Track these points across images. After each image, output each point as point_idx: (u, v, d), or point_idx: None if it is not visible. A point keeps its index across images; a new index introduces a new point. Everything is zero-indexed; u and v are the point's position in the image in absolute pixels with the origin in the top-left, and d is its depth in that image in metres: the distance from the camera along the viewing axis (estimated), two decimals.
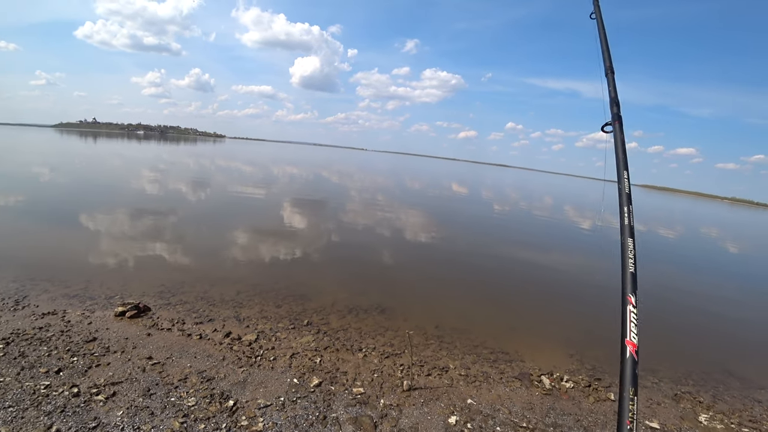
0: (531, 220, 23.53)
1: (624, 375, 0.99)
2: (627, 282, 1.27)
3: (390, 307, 7.20)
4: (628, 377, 0.98)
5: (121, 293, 6.41)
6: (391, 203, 23.04)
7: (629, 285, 1.25)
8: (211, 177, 26.84)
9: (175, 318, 5.81)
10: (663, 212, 48.23)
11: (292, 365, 4.90)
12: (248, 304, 6.68)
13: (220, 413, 3.81)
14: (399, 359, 5.41)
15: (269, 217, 14.91)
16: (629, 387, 0.96)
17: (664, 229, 28.62)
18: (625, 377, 0.98)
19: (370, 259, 10.88)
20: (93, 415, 3.51)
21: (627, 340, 1.04)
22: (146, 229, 11.02)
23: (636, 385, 0.95)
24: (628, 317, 1.12)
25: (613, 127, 1.99)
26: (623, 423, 0.94)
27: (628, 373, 0.99)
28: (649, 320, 8.59)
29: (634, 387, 0.95)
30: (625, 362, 1.00)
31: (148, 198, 16.02)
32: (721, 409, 5.33)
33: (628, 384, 0.96)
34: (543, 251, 14.75)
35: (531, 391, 5.07)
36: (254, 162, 49.60)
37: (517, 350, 6.19)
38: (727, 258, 19.81)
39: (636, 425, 0.89)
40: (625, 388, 0.96)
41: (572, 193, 63.62)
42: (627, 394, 0.95)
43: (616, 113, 2.02)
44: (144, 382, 4.12)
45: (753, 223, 54.43)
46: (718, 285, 13.36)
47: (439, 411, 4.35)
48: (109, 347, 4.71)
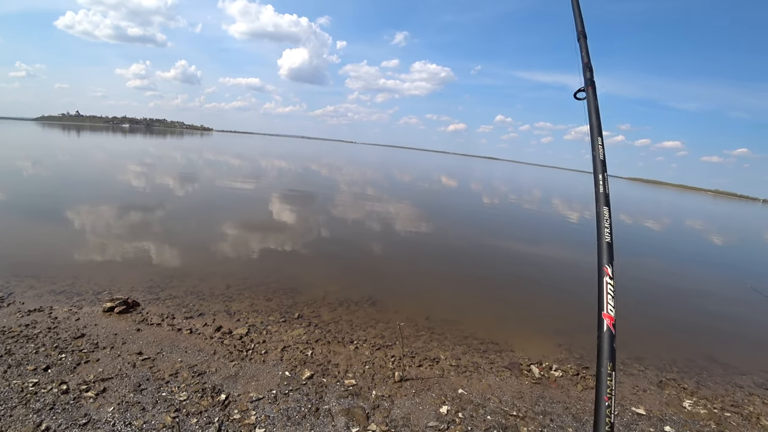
0: (520, 213, 23.72)
1: (602, 349, 0.98)
2: (603, 252, 1.27)
3: (381, 300, 7.23)
4: (606, 351, 0.97)
5: (109, 289, 6.34)
6: (380, 196, 23.05)
7: (605, 255, 1.25)
8: (199, 171, 26.53)
9: (165, 313, 5.76)
10: (649, 204, 48.95)
11: (284, 358, 4.91)
12: (238, 297, 6.66)
13: (212, 407, 3.81)
14: (390, 351, 5.45)
15: (258, 210, 14.83)
16: (607, 362, 0.95)
17: (651, 221, 29.08)
18: (602, 351, 0.98)
19: (360, 251, 10.90)
20: (83, 412, 3.49)
21: (604, 313, 1.04)
22: (133, 223, 10.89)
23: (614, 359, 0.95)
24: (605, 289, 1.12)
25: (586, 92, 1.96)
26: (601, 398, 0.93)
27: (606, 347, 0.99)
28: (636, 309, 8.78)
29: (612, 362, 0.94)
30: (602, 336, 1.00)
31: (135, 192, 15.81)
32: (705, 394, 5.47)
33: (605, 359, 0.95)
34: (532, 243, 14.90)
35: (521, 381, 5.14)
36: (243, 155, 49.16)
37: (507, 340, 6.27)
38: (710, 249, 20.21)
39: (614, 401, 0.88)
40: (602, 363, 0.95)
41: (560, 186, 64.22)
42: (605, 369, 0.95)
43: (589, 78, 1.99)
44: (134, 378, 4.09)
45: (734, 215, 55.51)
46: (701, 276, 13.66)
47: (430, 401, 4.40)
48: (98, 343, 4.66)
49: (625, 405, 4.87)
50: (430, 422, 4.02)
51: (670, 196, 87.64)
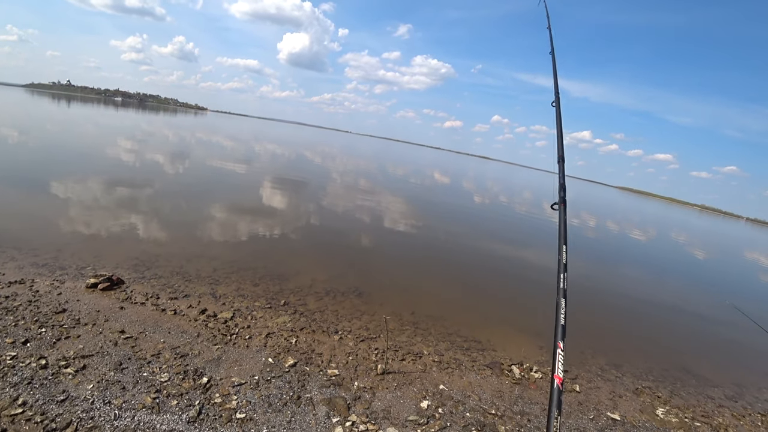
0: (511, 214, 23.87)
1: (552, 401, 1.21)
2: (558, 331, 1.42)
3: (367, 292, 7.25)
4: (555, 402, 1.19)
5: (93, 264, 6.25)
6: (373, 188, 23.01)
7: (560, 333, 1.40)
8: (192, 150, 26.20)
9: (150, 292, 5.71)
10: (637, 215, 49.53)
11: (268, 345, 4.90)
12: (225, 281, 6.61)
13: (193, 390, 3.80)
14: (374, 343, 5.47)
15: (249, 194, 14.71)
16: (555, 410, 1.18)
17: (637, 231, 29.49)
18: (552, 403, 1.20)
19: (349, 242, 10.89)
20: (62, 388, 3.44)
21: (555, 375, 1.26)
22: (121, 199, 10.72)
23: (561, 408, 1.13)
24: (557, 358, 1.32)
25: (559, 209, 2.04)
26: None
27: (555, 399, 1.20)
28: (615, 319, 8.97)
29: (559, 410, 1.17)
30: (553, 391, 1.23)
31: (125, 168, 15.55)
32: (677, 403, 5.60)
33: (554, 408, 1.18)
34: (521, 246, 15.03)
35: (501, 380, 5.21)
36: (236, 137, 48.63)
37: (490, 339, 6.34)
38: (693, 265, 20.57)
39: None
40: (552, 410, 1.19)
41: (551, 190, 64.78)
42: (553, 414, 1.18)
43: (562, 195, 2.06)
44: (116, 356, 4.05)
45: (718, 232, 56.53)
46: (681, 290, 13.93)
47: (411, 395, 4.44)
48: (79, 319, 4.60)
49: (601, 410, 4.97)
50: (410, 416, 4.05)
51: (657, 207, 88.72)
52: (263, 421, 3.59)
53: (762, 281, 19.91)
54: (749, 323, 6.84)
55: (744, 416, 5.64)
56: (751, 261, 27.59)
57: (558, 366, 1.28)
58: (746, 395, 6.33)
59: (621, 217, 39.35)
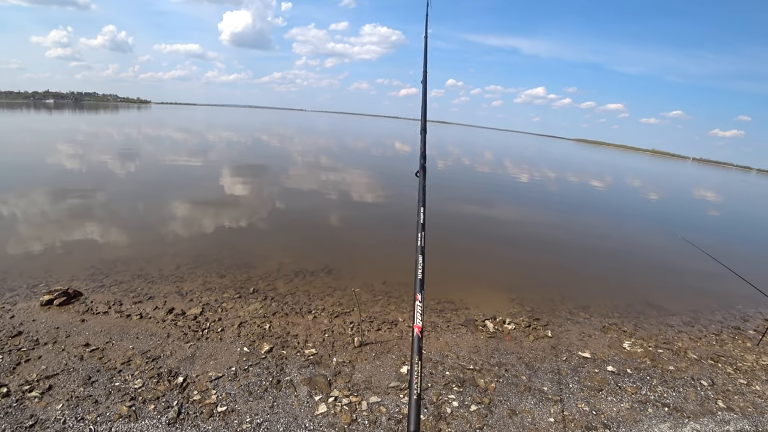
0: (473, 175, 24.20)
1: (413, 348, 1.28)
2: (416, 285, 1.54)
3: (337, 268, 7.25)
4: (416, 350, 1.27)
5: (45, 280, 5.92)
6: (333, 165, 22.76)
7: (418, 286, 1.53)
8: (140, 147, 24.81)
9: (111, 300, 5.50)
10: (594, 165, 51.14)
11: (241, 334, 4.87)
12: (189, 277, 6.45)
13: (169, 391, 3.75)
14: (349, 317, 5.53)
15: (207, 186, 14.20)
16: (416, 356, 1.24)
17: (594, 181, 30.57)
18: (413, 350, 1.28)
19: (314, 221, 10.80)
20: (29, 413, 3.32)
21: (415, 325, 1.35)
22: (70, 209, 10.11)
23: (421, 354, 1.26)
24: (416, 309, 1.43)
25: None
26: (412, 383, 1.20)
27: (416, 347, 1.28)
28: (580, 264, 9.40)
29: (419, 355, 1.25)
30: (413, 339, 1.31)
31: (69, 175, 14.56)
32: (642, 335, 6.00)
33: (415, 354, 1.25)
34: (485, 205, 15.37)
35: (476, 336, 5.40)
36: (186, 129, 46.34)
37: (462, 299, 6.52)
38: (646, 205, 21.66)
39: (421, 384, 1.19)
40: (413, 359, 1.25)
41: (510, 149, 65.91)
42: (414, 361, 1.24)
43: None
44: (83, 371, 3.93)
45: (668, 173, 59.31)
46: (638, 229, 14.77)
47: (390, 363, 4.54)
48: (38, 340, 4.40)
49: (573, 351, 5.27)
50: (391, 383, 4.16)
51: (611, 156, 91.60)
52: (245, 410, 3.60)
53: (709, 215, 21.28)
54: (700, 253, 7.33)
55: (701, 338, 6.13)
56: (698, 198, 29.31)
57: (417, 316, 1.38)
58: (701, 319, 6.85)
59: (579, 168, 40.58)
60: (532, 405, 4.09)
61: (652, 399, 4.40)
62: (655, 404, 4.31)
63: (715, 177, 64.36)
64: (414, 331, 1.33)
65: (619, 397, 4.36)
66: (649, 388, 4.61)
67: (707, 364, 5.30)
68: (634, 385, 4.64)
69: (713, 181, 52.06)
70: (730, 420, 4.17)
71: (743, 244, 14.29)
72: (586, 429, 3.81)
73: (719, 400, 4.52)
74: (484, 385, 4.32)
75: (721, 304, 7.52)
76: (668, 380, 4.81)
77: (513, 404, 4.06)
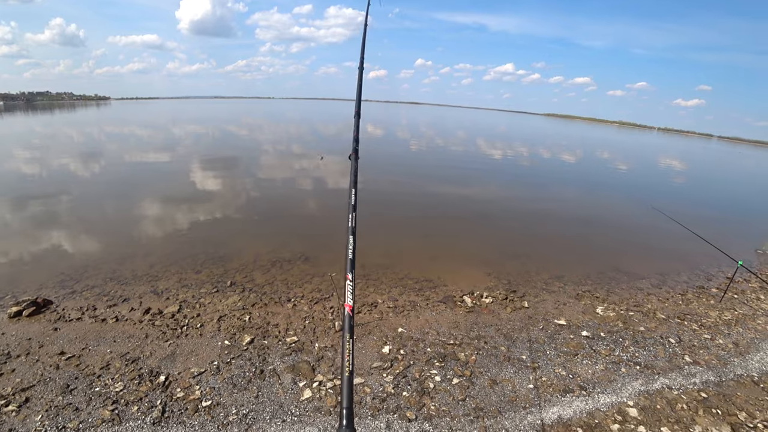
0: (447, 155, 24.32)
1: (344, 327, 1.33)
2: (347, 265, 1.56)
3: (313, 255, 7.25)
4: (347, 328, 1.31)
5: (11, 292, 5.69)
6: (305, 152, 22.48)
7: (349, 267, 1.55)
8: (103, 147, 23.84)
9: (84, 305, 5.36)
10: (564, 139, 51.91)
11: (221, 328, 4.85)
12: (164, 275, 6.34)
13: (152, 391, 3.73)
14: (328, 303, 5.56)
15: (176, 183, 13.83)
16: (347, 335, 1.29)
17: (565, 154, 31.13)
18: (344, 328, 1.32)
19: (287, 210, 10.73)
20: (7, 428, 3.26)
21: (346, 303, 1.40)
22: (32, 216, 9.70)
23: (353, 332, 1.32)
24: (346, 288, 1.46)
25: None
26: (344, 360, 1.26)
27: (347, 325, 1.32)
28: (553, 236, 9.65)
29: (351, 334, 1.30)
30: (344, 318, 1.36)
31: (29, 181, 13.93)
32: (613, 300, 6.27)
33: (346, 333, 1.30)
34: (459, 185, 15.54)
35: (455, 312, 5.52)
36: (150, 124, 44.84)
37: (440, 276, 6.63)
38: (616, 176, 22.27)
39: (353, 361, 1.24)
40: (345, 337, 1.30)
41: (479, 127, 66.30)
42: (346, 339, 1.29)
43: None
44: (60, 380, 3.86)
45: (635, 144, 60.80)
46: (608, 199, 15.22)
47: (372, 344, 4.61)
48: (9, 353, 4.27)
49: (549, 319, 5.46)
50: (374, 363, 4.24)
51: (580, 129, 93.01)
52: (230, 402, 3.62)
53: (675, 182, 22.02)
54: (667, 219, 7.62)
55: (668, 299, 6.43)
56: (664, 166, 30.24)
57: (347, 295, 1.42)
58: (668, 281, 7.17)
59: (550, 142, 41.21)
60: (512, 374, 4.23)
61: (624, 359, 4.61)
62: (628, 364, 4.52)
63: (679, 145, 66.46)
64: (345, 309, 1.37)
65: (594, 360, 4.56)
66: (621, 349, 4.83)
67: (674, 323, 5.58)
68: (607, 347, 4.84)
69: (678, 150, 53.77)
70: (696, 373, 4.42)
71: (707, 209, 14.92)
72: (563, 392, 3.98)
73: (686, 355, 4.78)
74: (465, 358, 4.44)
75: (686, 266, 7.88)
76: (639, 340, 5.04)
77: (493, 374, 4.20)
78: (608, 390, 4.04)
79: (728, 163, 42.95)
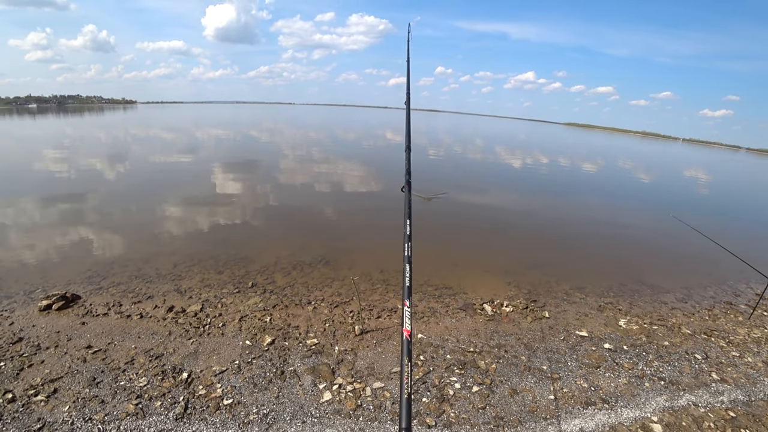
0: (465, 163, 24.22)
1: (402, 350, 1.33)
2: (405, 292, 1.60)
3: (334, 259, 7.29)
4: (405, 352, 1.31)
5: (42, 286, 5.89)
6: (325, 157, 22.66)
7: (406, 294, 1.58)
8: (129, 149, 24.48)
9: (110, 301, 5.50)
10: (585, 148, 51.14)
11: (243, 328, 4.91)
12: (187, 275, 6.46)
13: (175, 387, 3.79)
14: (348, 306, 5.58)
15: (200, 184, 14.09)
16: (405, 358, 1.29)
17: (587, 164, 30.69)
18: (403, 352, 1.33)
19: (308, 213, 10.81)
20: (36, 417, 3.35)
21: (404, 329, 1.40)
22: (62, 213, 10.03)
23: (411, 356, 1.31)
24: (404, 314, 1.47)
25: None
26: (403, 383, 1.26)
27: (405, 349, 1.32)
28: (575, 245, 9.50)
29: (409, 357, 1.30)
30: (402, 342, 1.36)
31: (59, 180, 14.40)
32: (636, 313, 6.12)
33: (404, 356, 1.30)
34: (478, 192, 15.40)
35: (475, 319, 5.47)
36: (174, 128, 45.78)
37: (460, 284, 6.59)
38: (639, 185, 21.94)
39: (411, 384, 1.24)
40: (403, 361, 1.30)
41: (501, 135, 65.93)
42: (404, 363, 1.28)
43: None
44: (87, 373, 3.96)
45: (659, 154, 59.55)
46: (631, 209, 14.93)
47: (392, 349, 4.60)
48: (39, 345, 4.41)
49: (570, 330, 5.36)
50: (393, 368, 4.23)
51: (603, 138, 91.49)
52: (251, 401, 3.65)
53: (700, 194, 21.48)
54: (692, 231, 7.44)
55: (694, 314, 6.25)
56: (689, 177, 29.51)
57: (405, 321, 1.43)
58: (694, 295, 6.98)
59: (570, 152, 40.68)
60: (533, 384, 4.17)
61: (648, 374, 4.50)
62: (652, 378, 4.41)
63: (704, 157, 64.81)
64: (403, 334, 1.39)
65: (617, 373, 4.46)
66: (645, 363, 4.72)
67: (701, 339, 5.42)
68: (630, 360, 4.74)
69: (703, 161, 52.42)
70: (723, 391, 4.28)
71: (734, 222, 14.50)
72: (585, 404, 3.90)
73: (713, 372, 4.63)
74: (485, 366, 4.40)
75: (713, 281, 7.66)
76: (663, 355, 4.91)
77: (514, 384, 4.15)
78: (631, 404, 3.95)
79: (757, 174, 41.66)
